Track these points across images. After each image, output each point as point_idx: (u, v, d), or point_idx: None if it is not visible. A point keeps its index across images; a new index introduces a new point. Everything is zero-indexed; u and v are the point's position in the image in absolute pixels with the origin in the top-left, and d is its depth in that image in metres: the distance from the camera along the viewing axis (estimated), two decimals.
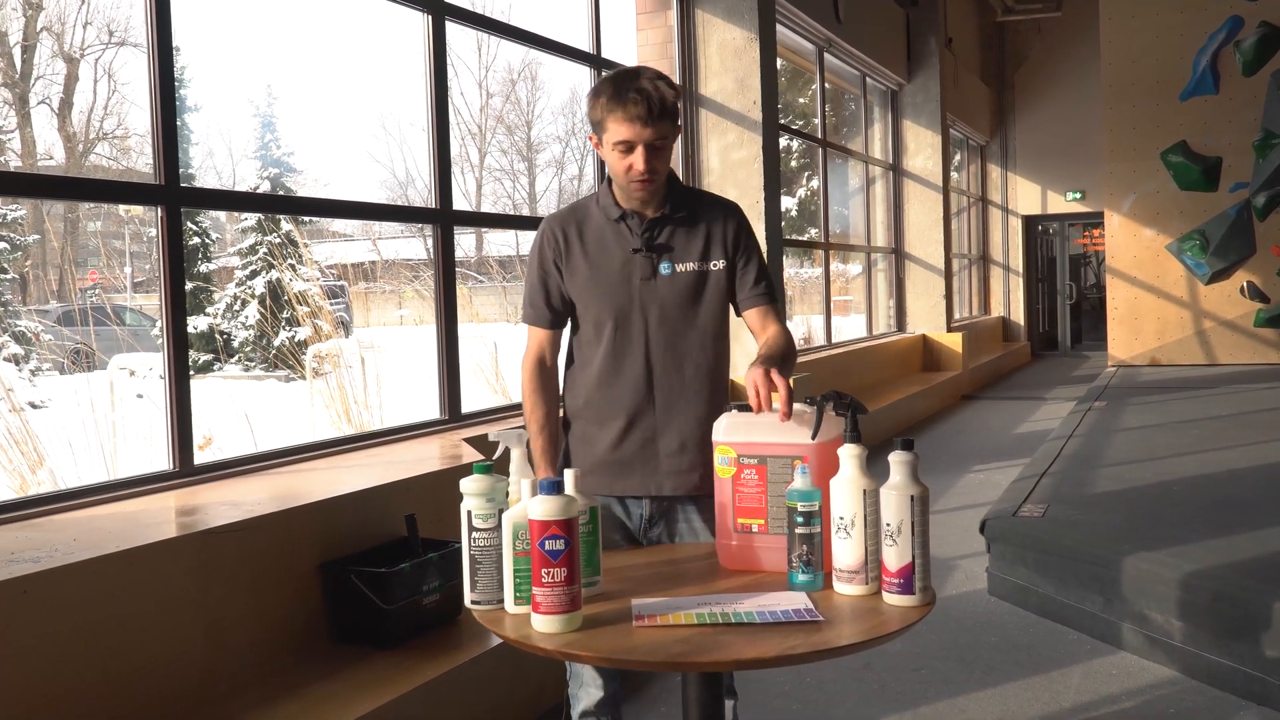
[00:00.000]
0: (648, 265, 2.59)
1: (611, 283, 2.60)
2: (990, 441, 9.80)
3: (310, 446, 4.44)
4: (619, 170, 2.52)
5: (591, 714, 2.64)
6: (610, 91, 2.48)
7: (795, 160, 21.24)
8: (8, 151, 16.18)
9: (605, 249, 2.62)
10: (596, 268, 2.62)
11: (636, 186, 2.52)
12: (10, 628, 2.62)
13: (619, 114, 2.46)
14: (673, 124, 2.51)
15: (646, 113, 2.44)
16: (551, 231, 2.67)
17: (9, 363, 11.81)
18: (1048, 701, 3.83)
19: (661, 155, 2.51)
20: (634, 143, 2.47)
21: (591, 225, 2.65)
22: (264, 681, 3.20)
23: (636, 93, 2.45)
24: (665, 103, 2.47)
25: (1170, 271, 13.48)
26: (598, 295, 2.61)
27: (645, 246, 2.59)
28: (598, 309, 2.62)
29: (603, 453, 2.62)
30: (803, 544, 2.08)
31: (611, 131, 2.48)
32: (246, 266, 17.18)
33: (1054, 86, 18.21)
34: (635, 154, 2.48)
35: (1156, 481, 6.06)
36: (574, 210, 2.70)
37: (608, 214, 2.63)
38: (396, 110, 21.84)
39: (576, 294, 2.65)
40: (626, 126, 2.45)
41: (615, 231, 2.62)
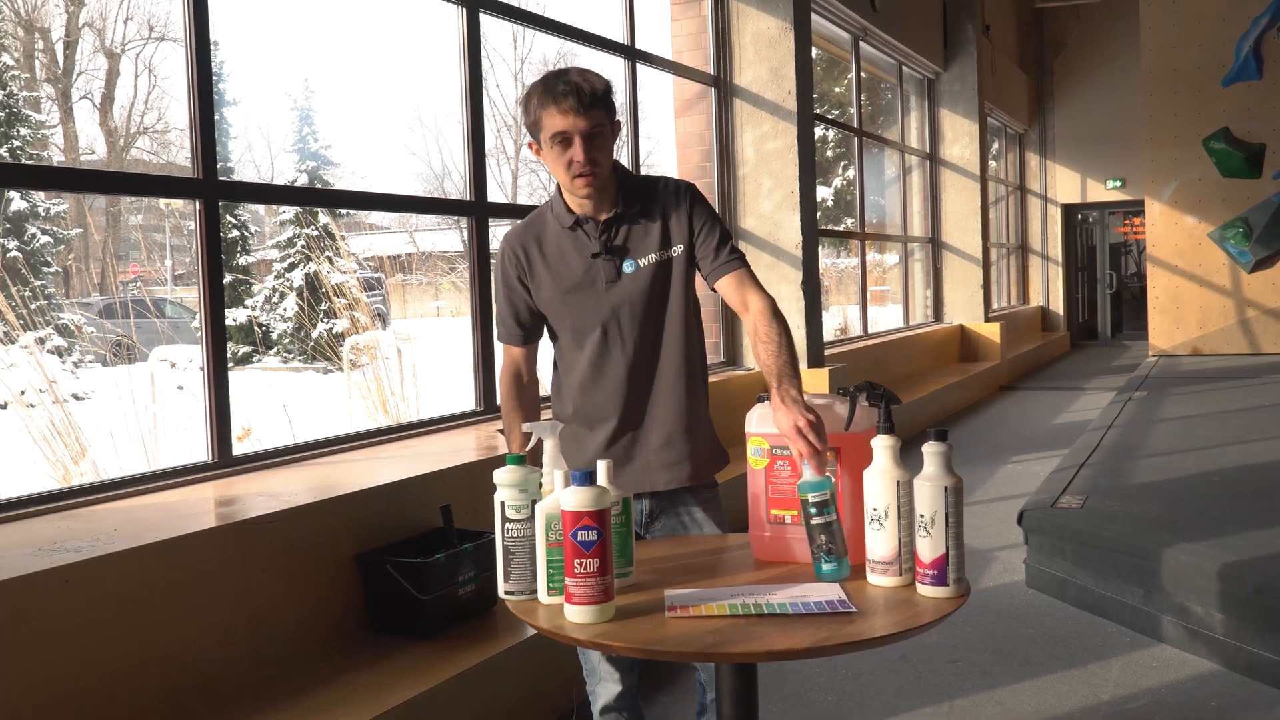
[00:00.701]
0: (610, 267, 2.56)
1: (576, 290, 2.58)
2: (1029, 432, 9.73)
3: (347, 437, 4.48)
4: (561, 168, 2.47)
5: (612, 709, 2.65)
6: (540, 90, 2.45)
7: (831, 150, 21.15)
8: (51, 146, 16.37)
9: (565, 258, 2.58)
10: (560, 278, 2.59)
11: (581, 182, 2.47)
12: (54, 615, 2.66)
13: (551, 108, 2.42)
14: (608, 114, 2.48)
15: (578, 101, 2.40)
16: (512, 249, 2.64)
17: (53, 355, 11.95)
18: (1086, 694, 3.81)
19: (600, 146, 2.46)
20: (569, 133, 2.42)
21: (549, 236, 2.61)
22: (303, 670, 3.23)
23: (565, 84, 2.42)
24: (596, 91, 2.44)
25: (1212, 260, 13.33)
26: (566, 305, 2.58)
27: (604, 249, 2.56)
28: (570, 319, 2.60)
29: (593, 455, 2.57)
30: (821, 534, 2.08)
31: (546, 127, 2.44)
32: (285, 259, 17.31)
33: (1094, 73, 18.02)
34: (574, 146, 2.43)
35: (1197, 472, 6.00)
36: (530, 224, 2.65)
37: (562, 222, 2.59)
38: (432, 103, 21.93)
39: (545, 307, 2.63)
40: (560, 118, 2.41)
41: (572, 239, 2.58)
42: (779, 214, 7.72)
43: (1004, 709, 3.70)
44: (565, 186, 2.54)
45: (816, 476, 2.09)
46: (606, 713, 2.65)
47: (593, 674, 2.66)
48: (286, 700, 3.02)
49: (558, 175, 2.51)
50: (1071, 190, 18.66)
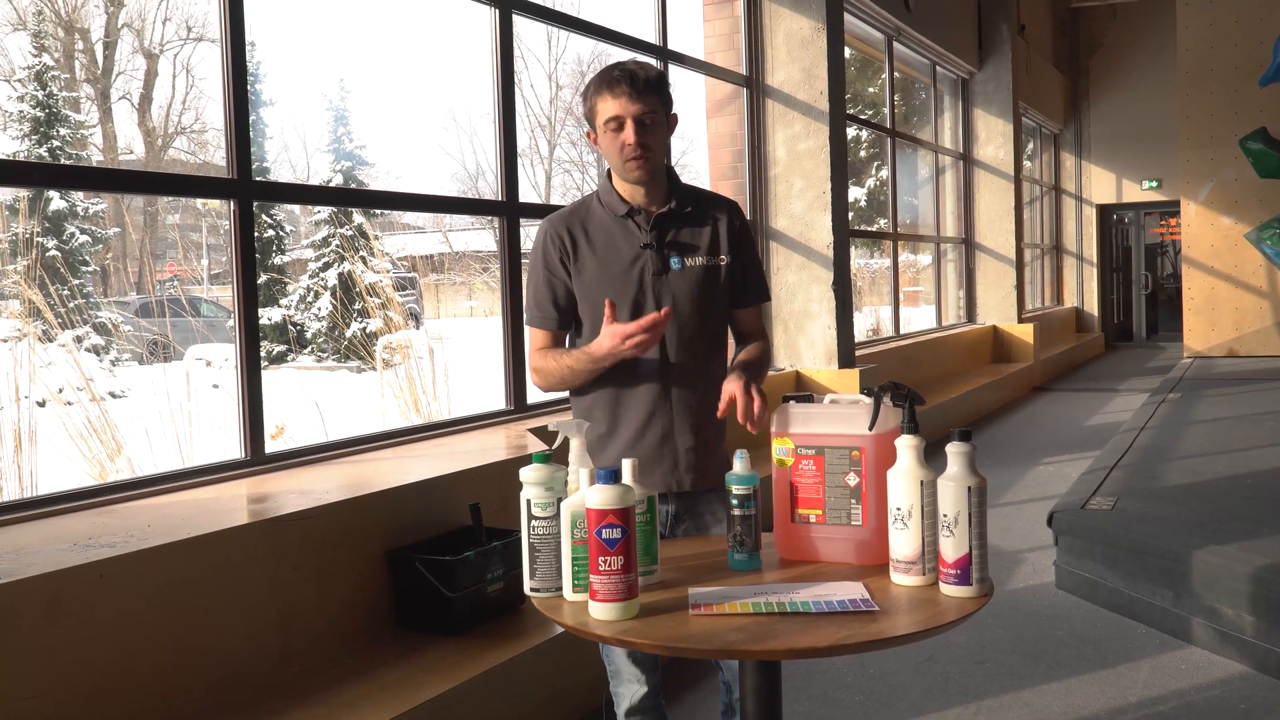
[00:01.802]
0: (658, 260, 2.59)
1: (622, 279, 2.60)
2: (1061, 434, 9.68)
3: (378, 436, 4.52)
4: (614, 152, 2.55)
5: (637, 711, 2.65)
6: (597, 79, 2.56)
7: (864, 150, 21.09)
8: (90, 146, 16.55)
9: (613, 246, 2.61)
10: (606, 265, 2.61)
11: (633, 164, 2.53)
12: (89, 609, 2.71)
13: (606, 93, 2.52)
14: (662, 102, 2.56)
15: (631, 87, 2.50)
16: (555, 231, 2.65)
17: (90, 354, 12.09)
18: (1114, 696, 3.79)
19: (653, 133, 2.54)
20: (623, 117, 2.51)
21: (596, 223, 2.64)
22: (333, 665, 3.27)
23: (620, 71, 2.53)
24: (649, 78, 2.53)
25: (1249, 261, 13.20)
26: (609, 292, 2.58)
27: (655, 242, 2.60)
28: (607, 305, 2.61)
29: (621, 452, 2.57)
30: (739, 525, 2.20)
31: (601, 112, 2.54)
32: (319, 258, 17.43)
33: (1129, 73, 17.88)
34: (626, 129, 2.52)
35: (1229, 474, 5.95)
36: (575, 210, 2.69)
37: (613, 210, 2.62)
38: (467, 103, 22.02)
39: (585, 293, 2.63)
40: (614, 102, 2.51)
41: (622, 228, 2.62)
42: (810, 214, 7.72)
43: (1032, 710, 3.69)
44: (618, 171, 2.60)
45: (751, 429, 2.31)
46: (632, 714, 2.65)
47: (617, 675, 2.67)
48: (316, 695, 3.06)
49: (611, 160, 2.59)
50: (1107, 190, 18.52)
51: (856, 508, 2.18)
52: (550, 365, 2.63)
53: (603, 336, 2.47)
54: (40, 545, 2.89)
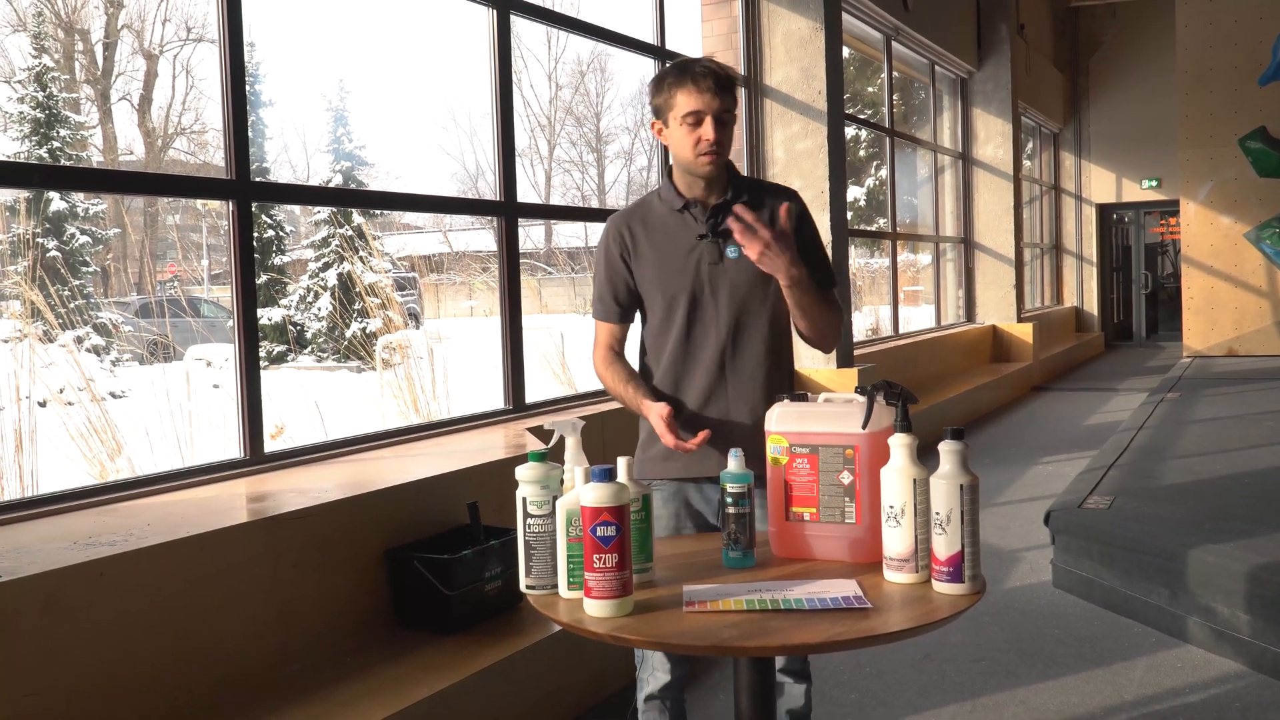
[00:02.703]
0: (714, 250, 2.65)
1: (680, 269, 2.67)
2: (1060, 433, 9.69)
3: (378, 435, 4.54)
4: (687, 145, 2.59)
5: (655, 698, 2.69)
6: (676, 72, 2.60)
7: (863, 150, 21.10)
8: (90, 147, 16.56)
9: (671, 237, 2.69)
10: (664, 256, 2.68)
11: (705, 159, 2.58)
12: (88, 607, 2.72)
13: (689, 87, 2.56)
14: (735, 102, 2.61)
15: (715, 83, 2.55)
16: (617, 229, 2.74)
17: (91, 354, 12.10)
18: (1110, 694, 3.81)
19: (727, 130, 2.59)
20: (703, 113, 2.55)
21: (655, 218, 2.72)
22: (332, 663, 3.29)
23: (703, 67, 2.57)
24: (731, 78, 2.59)
25: (1248, 260, 13.22)
26: (666, 282, 2.67)
27: (710, 232, 2.65)
28: (668, 297, 2.68)
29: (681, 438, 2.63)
30: (733, 523, 2.21)
31: (680, 105, 2.57)
32: (319, 259, 17.44)
33: (1129, 72, 17.89)
34: (704, 125, 2.56)
35: (1227, 474, 5.97)
36: (636, 208, 2.78)
37: (671, 205, 2.70)
38: (466, 103, 22.03)
39: (645, 285, 2.72)
40: (696, 97, 2.55)
41: (679, 221, 2.69)
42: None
43: (1027, 708, 3.71)
44: (686, 165, 2.64)
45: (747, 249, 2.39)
46: (650, 700, 2.70)
47: (645, 663, 2.71)
48: (315, 693, 3.07)
49: (681, 153, 2.62)
50: (1106, 190, 18.53)
51: (850, 506, 2.20)
52: (609, 379, 2.76)
53: (655, 417, 2.59)
54: (40, 544, 2.91)
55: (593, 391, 6.12)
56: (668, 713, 2.70)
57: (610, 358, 2.77)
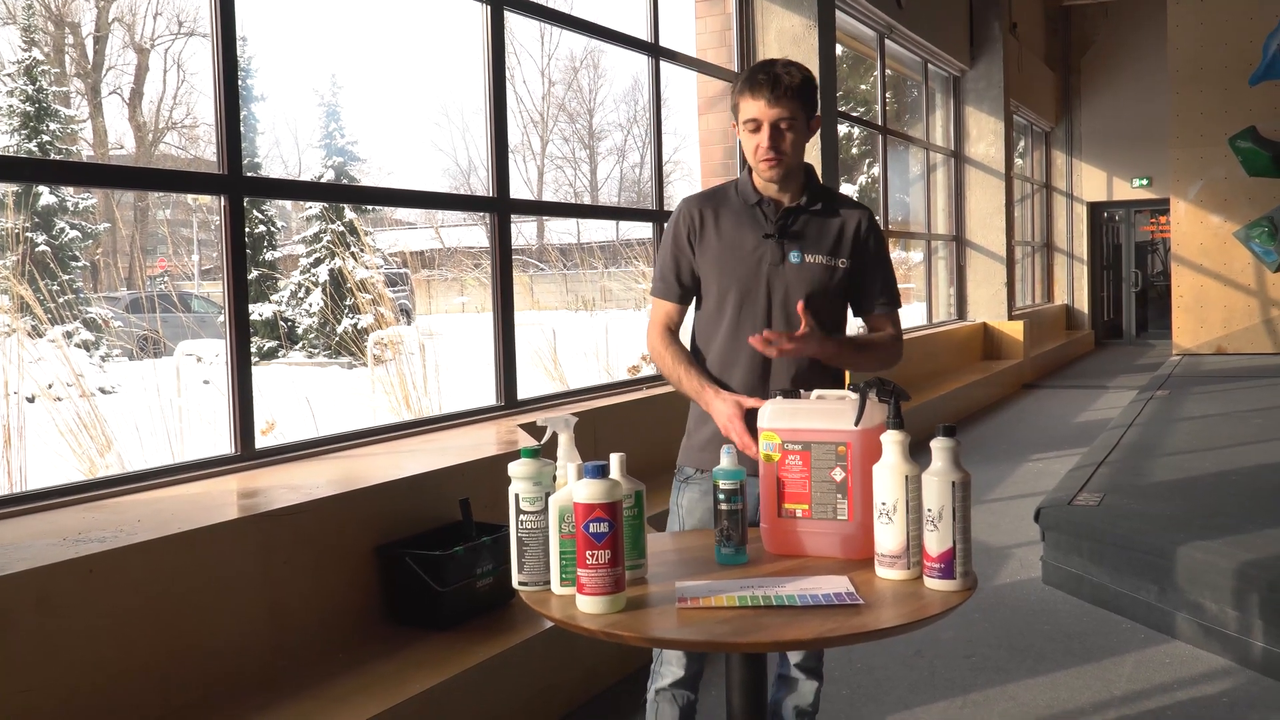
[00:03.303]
0: (778, 251, 2.66)
1: (741, 263, 2.68)
2: (1050, 430, 9.72)
3: (369, 431, 4.53)
4: (749, 149, 2.64)
5: (665, 691, 2.70)
6: (745, 76, 2.63)
7: (856, 147, 21.09)
8: (80, 141, 16.50)
9: (739, 231, 2.71)
10: (729, 247, 2.71)
11: (764, 165, 2.62)
12: (78, 604, 2.72)
13: (748, 94, 2.60)
14: (803, 107, 2.61)
15: (771, 92, 2.56)
16: (688, 211, 2.78)
17: (80, 349, 12.06)
18: (1099, 690, 3.82)
19: (789, 137, 2.61)
20: (760, 121, 2.59)
21: (728, 208, 2.75)
22: (324, 659, 3.28)
23: (765, 74, 2.59)
24: (791, 85, 2.58)
25: (1237, 259, 13.26)
26: (726, 274, 2.70)
27: (778, 233, 2.67)
28: (724, 287, 2.70)
29: (713, 433, 2.68)
30: (725, 519, 2.22)
31: (742, 110, 2.62)
32: (311, 254, 17.39)
33: (1121, 71, 17.93)
34: (761, 132, 2.59)
35: (1216, 471, 5.99)
36: (713, 194, 2.81)
37: (745, 199, 2.73)
38: (459, 98, 21.93)
39: (705, 271, 2.75)
40: (754, 104, 2.59)
41: (750, 216, 2.71)
42: None
43: (1017, 704, 3.72)
44: (752, 165, 2.69)
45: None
46: (660, 693, 2.71)
47: (659, 655, 2.72)
48: (307, 689, 3.07)
49: (748, 157, 2.68)
50: (1097, 188, 18.57)
51: (843, 503, 2.20)
52: (667, 360, 2.75)
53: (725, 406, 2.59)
54: (30, 540, 2.90)
55: (585, 388, 6.12)
56: (677, 706, 2.71)
57: (668, 338, 2.79)
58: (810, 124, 2.66)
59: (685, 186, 14.13)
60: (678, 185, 12.62)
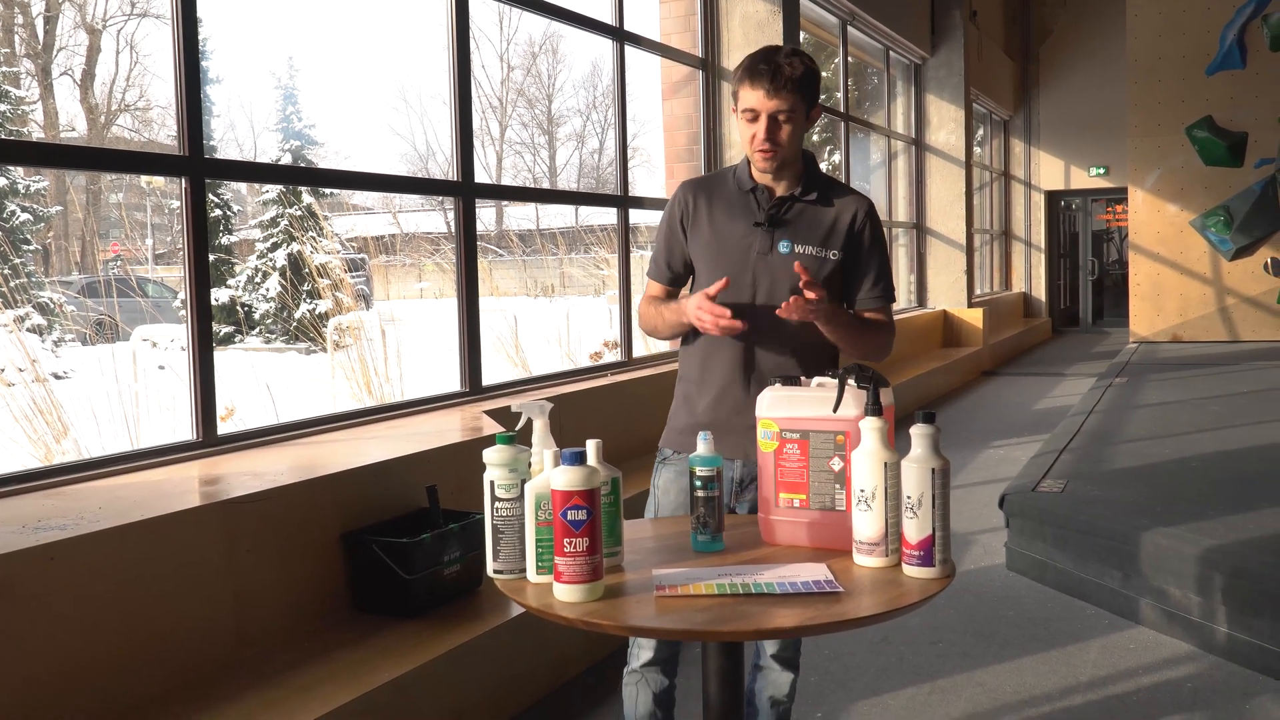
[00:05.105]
0: (767, 240, 2.64)
1: (730, 251, 2.67)
2: (1010, 417, 9.79)
3: (331, 418, 4.47)
4: (744, 138, 2.62)
5: (637, 672, 2.71)
6: (746, 64, 2.60)
7: (817, 134, 21.12)
8: (30, 123, 16.23)
9: (731, 217, 2.70)
10: (720, 234, 2.69)
11: (758, 156, 2.60)
12: (38, 594, 2.66)
13: (748, 83, 2.57)
14: (803, 100, 2.59)
15: (771, 83, 2.53)
16: (684, 195, 2.77)
17: (32, 334, 11.87)
18: (1065, 675, 3.84)
19: (785, 130, 2.58)
20: (758, 111, 2.57)
21: (723, 194, 2.73)
22: (290, 647, 3.24)
23: (766, 64, 2.56)
24: (793, 77, 2.55)
25: (1193, 247, 13.40)
26: (715, 260, 2.68)
27: (768, 222, 2.64)
28: (712, 273, 2.68)
29: (699, 415, 2.69)
30: (701, 506, 2.21)
31: (741, 99, 2.60)
32: (268, 239, 17.21)
33: (1079, 60, 18.06)
34: (758, 123, 2.57)
35: (1176, 458, 6.04)
36: (710, 178, 2.80)
37: (741, 185, 2.71)
38: (418, 83, 21.75)
39: (697, 256, 2.74)
40: (752, 94, 2.57)
41: (744, 202, 2.69)
42: None
43: (985, 689, 3.74)
44: (748, 154, 2.66)
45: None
46: (631, 674, 2.72)
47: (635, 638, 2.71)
48: (272, 679, 3.03)
49: (743, 144, 2.65)
50: (1055, 177, 18.71)
51: (840, 492, 2.18)
52: (649, 314, 2.80)
53: (692, 299, 2.57)
54: None
55: (548, 374, 6.09)
56: (650, 689, 2.70)
57: (650, 301, 2.80)
58: (810, 116, 2.64)
59: (645, 173, 14.09)
60: (637, 173, 12.56)
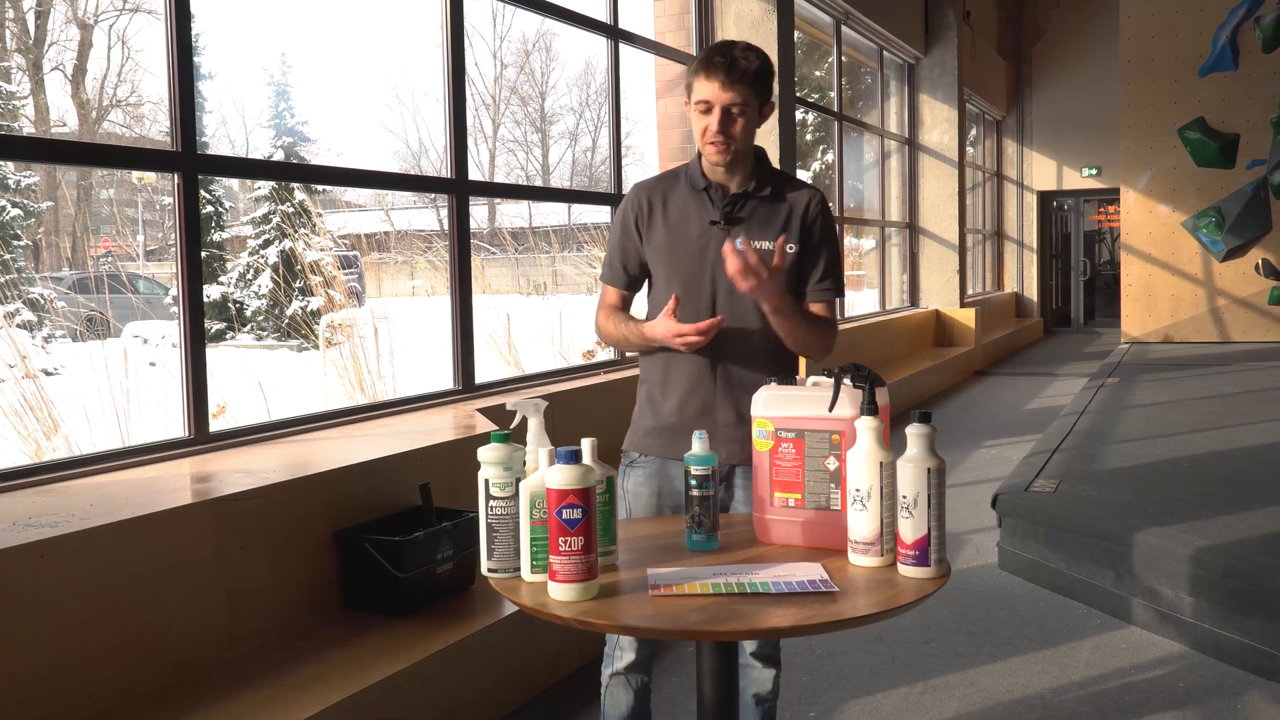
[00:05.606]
0: (723, 238, 2.61)
1: (687, 251, 2.65)
2: (1002, 417, 9.80)
3: (323, 415, 4.46)
4: (697, 130, 2.60)
5: (620, 674, 2.69)
6: (702, 56, 2.58)
7: (811, 134, 21.14)
8: (21, 118, 16.18)
9: (685, 218, 2.67)
10: (675, 235, 2.67)
11: (711, 149, 2.58)
12: (30, 591, 2.65)
13: (701, 75, 2.55)
14: (756, 93, 2.56)
15: (725, 75, 2.51)
16: (637, 197, 2.74)
17: (22, 330, 11.82)
18: (1057, 675, 3.85)
19: (739, 123, 2.56)
20: (712, 104, 2.54)
21: (676, 194, 2.70)
22: (282, 646, 3.23)
23: (721, 56, 2.54)
24: (747, 70, 2.53)
25: (1185, 248, 13.43)
26: (672, 262, 2.66)
27: (723, 219, 2.63)
28: (670, 274, 2.67)
29: (664, 417, 2.67)
30: (696, 505, 2.19)
31: (695, 91, 2.57)
32: (260, 235, 17.18)
33: (1072, 61, 18.09)
34: (712, 115, 2.55)
35: (1168, 458, 6.05)
36: (663, 179, 2.76)
37: (693, 184, 2.68)
38: (410, 80, 21.76)
39: (653, 258, 2.71)
40: (707, 85, 2.54)
41: (697, 202, 2.67)
42: None
43: (977, 689, 3.73)
44: (700, 148, 2.63)
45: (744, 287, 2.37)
46: (615, 676, 2.69)
47: (611, 640, 2.70)
48: (265, 677, 3.02)
49: (696, 138, 2.63)
50: (1048, 177, 18.74)
51: (836, 492, 2.17)
52: (609, 328, 2.76)
53: (658, 324, 2.55)
54: None
55: (541, 373, 6.08)
56: (632, 690, 2.69)
57: (609, 312, 2.77)
58: (763, 111, 2.62)
59: (639, 171, 14.07)
60: (630, 170, 12.55)
